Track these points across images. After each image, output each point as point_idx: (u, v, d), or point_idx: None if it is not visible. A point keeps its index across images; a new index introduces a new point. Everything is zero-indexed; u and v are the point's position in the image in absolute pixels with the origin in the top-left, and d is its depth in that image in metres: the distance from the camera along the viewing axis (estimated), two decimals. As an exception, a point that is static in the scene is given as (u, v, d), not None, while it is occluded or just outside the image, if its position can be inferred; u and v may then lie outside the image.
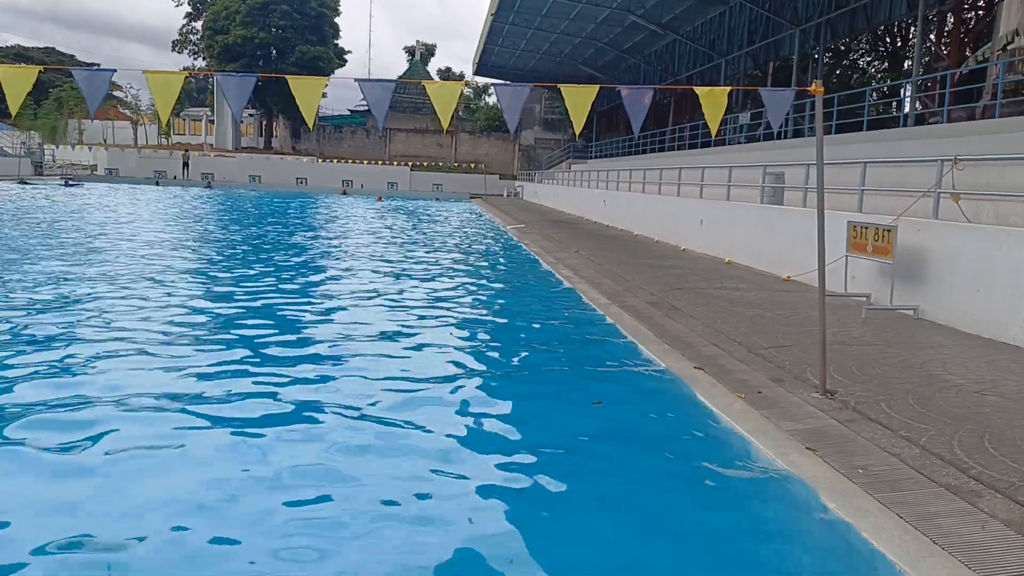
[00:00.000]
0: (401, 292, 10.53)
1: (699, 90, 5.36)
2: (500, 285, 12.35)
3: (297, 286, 10.82)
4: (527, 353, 7.41)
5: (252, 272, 11.98)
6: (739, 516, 3.85)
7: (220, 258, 13.78)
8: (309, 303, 9.53)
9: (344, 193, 47.24)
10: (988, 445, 4.31)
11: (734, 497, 4.07)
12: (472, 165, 58.56)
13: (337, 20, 62.14)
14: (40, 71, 4.45)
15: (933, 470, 3.98)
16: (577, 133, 6.74)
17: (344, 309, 9.16)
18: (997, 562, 3.11)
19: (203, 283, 10.82)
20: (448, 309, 9.38)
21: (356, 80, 4.83)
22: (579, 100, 5.21)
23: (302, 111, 4.71)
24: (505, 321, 9.13)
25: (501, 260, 15.84)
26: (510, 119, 5.12)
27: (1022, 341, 6.97)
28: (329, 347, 7.05)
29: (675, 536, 3.67)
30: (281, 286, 10.66)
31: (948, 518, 3.47)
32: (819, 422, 4.81)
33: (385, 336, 7.65)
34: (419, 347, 7.26)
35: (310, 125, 5.40)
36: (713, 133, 5.71)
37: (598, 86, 5.35)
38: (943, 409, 4.97)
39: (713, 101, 5.38)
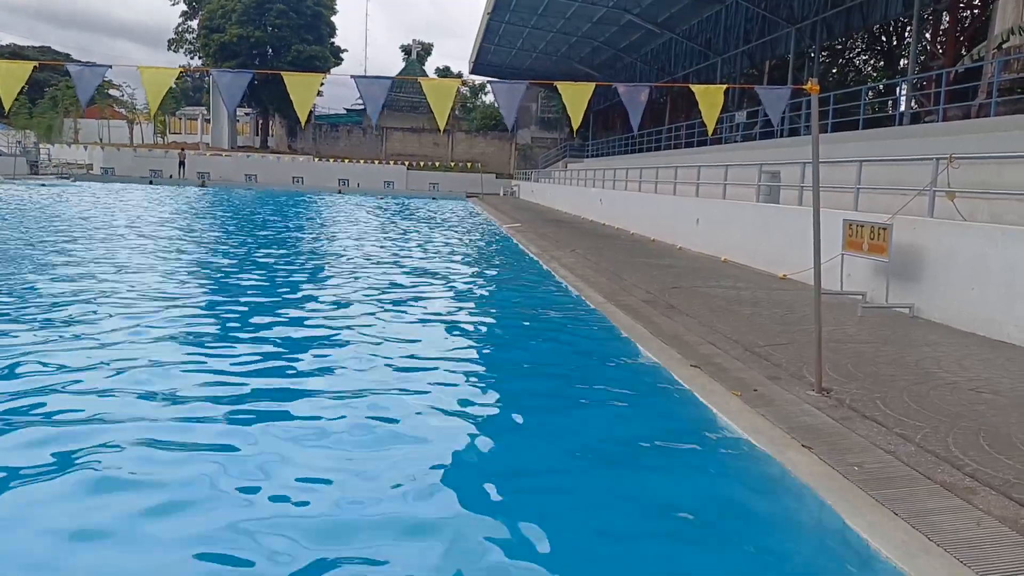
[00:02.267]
0: (396, 290, 10.51)
1: (696, 88, 5.36)
2: (496, 283, 12.34)
3: (288, 284, 10.79)
4: (522, 351, 7.41)
5: (242, 268, 11.96)
6: (736, 514, 3.85)
7: (212, 257, 13.76)
8: (300, 301, 9.50)
9: (340, 192, 47.15)
10: (983, 442, 4.32)
11: (731, 495, 4.07)
12: (469, 164, 58.50)
13: (333, 19, 62.09)
14: (35, 67, 4.43)
15: (928, 467, 3.98)
16: (575, 129, 6.74)
17: (337, 312, 9.13)
18: (992, 559, 3.12)
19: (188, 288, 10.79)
20: (443, 306, 9.38)
21: (352, 76, 4.82)
22: (576, 97, 5.20)
23: (296, 108, 4.68)
24: (500, 319, 9.13)
25: (497, 259, 15.84)
26: (507, 114, 5.11)
27: (1017, 339, 6.99)
28: (322, 346, 7.03)
29: (671, 535, 3.67)
30: (275, 283, 10.64)
31: (943, 515, 3.48)
32: (815, 420, 4.81)
33: (380, 334, 7.63)
34: (414, 343, 7.24)
35: (303, 122, 5.38)
36: (710, 131, 5.71)
37: (594, 84, 5.34)
38: (938, 407, 4.98)
39: (709, 99, 5.38)
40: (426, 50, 74.62)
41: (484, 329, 8.45)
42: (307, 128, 60.79)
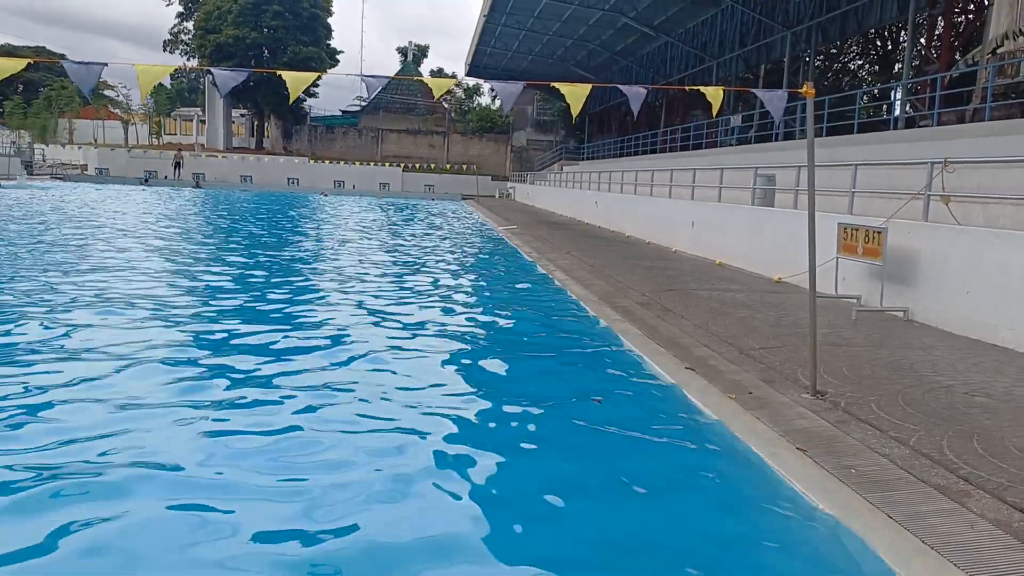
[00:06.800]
0: (392, 292, 10.49)
1: (699, 88, 5.47)
2: (491, 286, 12.33)
3: (279, 288, 10.76)
4: (519, 354, 7.39)
5: (234, 270, 11.93)
6: (731, 516, 3.85)
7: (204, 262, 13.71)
8: (291, 308, 9.47)
9: (324, 195, 46.29)
10: (977, 446, 4.33)
11: (726, 497, 4.06)
12: (464, 166, 58.55)
13: (329, 20, 62.11)
14: (30, 62, 4.41)
15: (922, 470, 3.99)
16: (574, 116, 6.84)
17: (325, 316, 9.10)
18: (985, 561, 3.12)
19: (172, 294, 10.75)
20: (437, 310, 9.35)
21: (349, 75, 4.84)
22: (575, 95, 5.23)
23: (289, 89, 4.73)
24: (497, 322, 9.11)
25: (493, 261, 15.83)
26: (505, 102, 5.12)
27: (1010, 343, 7.00)
28: (316, 355, 6.97)
29: (666, 536, 3.66)
30: (269, 285, 10.62)
31: (937, 518, 3.48)
32: (809, 422, 4.81)
33: (376, 334, 7.61)
34: (411, 344, 7.22)
35: (292, 99, 5.41)
36: (715, 113, 5.84)
37: (591, 85, 5.35)
38: (932, 410, 4.99)
39: (711, 93, 5.52)
40: (422, 52, 74.80)
41: (476, 331, 8.43)
42: (292, 100, 60.68)
